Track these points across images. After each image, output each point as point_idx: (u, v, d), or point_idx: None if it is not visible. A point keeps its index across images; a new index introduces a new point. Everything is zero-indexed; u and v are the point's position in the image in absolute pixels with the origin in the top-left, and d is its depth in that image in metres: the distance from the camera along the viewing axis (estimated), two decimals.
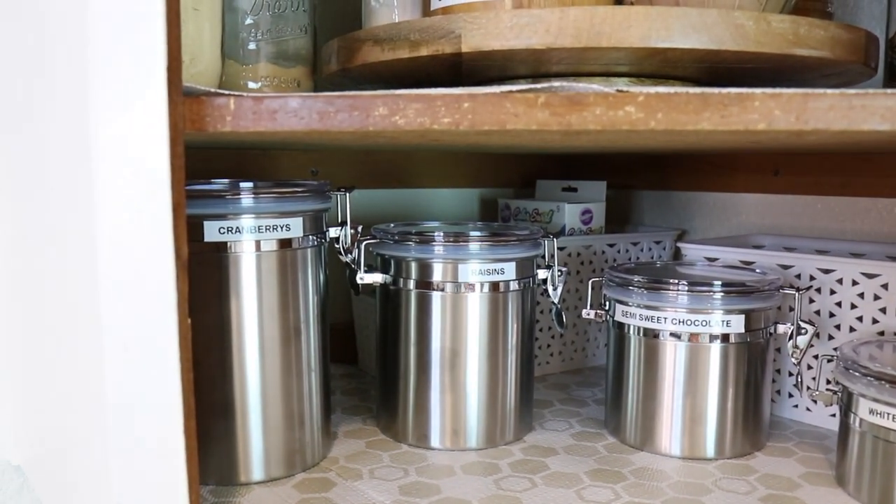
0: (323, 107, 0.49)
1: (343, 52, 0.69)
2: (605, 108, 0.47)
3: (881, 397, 0.64)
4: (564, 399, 0.94)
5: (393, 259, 0.77)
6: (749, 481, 0.71)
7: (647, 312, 0.76)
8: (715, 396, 0.75)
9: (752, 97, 0.46)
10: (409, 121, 0.48)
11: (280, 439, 0.70)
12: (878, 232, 0.95)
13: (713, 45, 0.57)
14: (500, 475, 0.71)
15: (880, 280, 0.78)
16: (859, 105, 0.45)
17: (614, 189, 1.25)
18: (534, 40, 0.57)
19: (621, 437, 0.80)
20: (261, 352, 0.68)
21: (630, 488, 0.69)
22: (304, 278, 0.70)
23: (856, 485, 0.67)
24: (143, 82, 0.46)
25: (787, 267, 0.85)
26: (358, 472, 0.72)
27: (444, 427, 0.77)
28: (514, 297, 0.78)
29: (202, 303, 0.66)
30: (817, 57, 0.60)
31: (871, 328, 0.80)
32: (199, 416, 0.66)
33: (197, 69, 0.66)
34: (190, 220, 0.64)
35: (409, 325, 0.77)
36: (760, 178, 1.07)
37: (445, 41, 0.60)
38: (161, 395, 0.49)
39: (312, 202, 0.70)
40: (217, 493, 0.67)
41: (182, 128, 0.48)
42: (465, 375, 0.76)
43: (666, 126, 0.46)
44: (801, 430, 0.84)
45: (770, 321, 0.77)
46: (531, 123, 0.47)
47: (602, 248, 1.06)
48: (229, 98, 0.50)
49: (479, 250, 0.75)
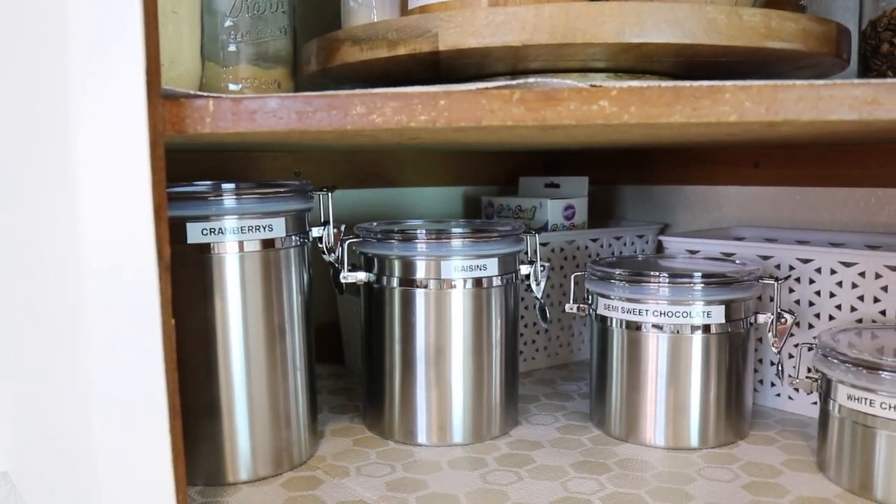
0: (301, 107, 0.49)
1: (322, 52, 0.69)
2: (579, 103, 0.47)
3: (858, 383, 0.65)
4: (550, 394, 0.95)
5: (376, 257, 0.78)
6: (732, 469, 0.71)
7: (629, 305, 0.77)
8: (698, 387, 0.76)
9: (722, 90, 0.47)
10: (386, 119, 0.49)
11: (267, 439, 0.70)
12: (856, 222, 0.96)
13: (686, 39, 0.57)
14: (487, 469, 0.72)
15: (857, 268, 0.79)
16: (827, 95, 0.46)
17: (597, 185, 1.26)
18: (510, 37, 0.58)
19: (606, 430, 0.81)
20: (246, 352, 0.68)
21: (615, 479, 0.70)
22: (288, 278, 0.70)
23: (836, 470, 0.68)
24: (123, 85, 0.46)
25: (767, 257, 0.86)
26: (345, 469, 0.72)
27: (430, 423, 0.78)
28: (497, 292, 0.78)
29: (187, 304, 0.66)
30: (789, 49, 0.61)
31: (849, 316, 0.81)
32: (186, 417, 0.67)
33: (177, 72, 0.67)
34: (173, 222, 0.64)
35: (393, 323, 0.78)
36: (740, 171, 1.08)
37: (423, 40, 0.60)
38: (147, 395, 0.50)
39: (294, 202, 0.70)
40: (205, 493, 0.68)
41: (162, 130, 0.49)
42: (449, 371, 0.77)
43: (639, 119, 0.47)
44: (784, 419, 0.85)
45: (750, 311, 0.78)
46: (507, 119, 0.48)
47: (585, 244, 1.07)
48: (208, 99, 0.50)
49: (462, 247, 0.76)
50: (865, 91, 0.46)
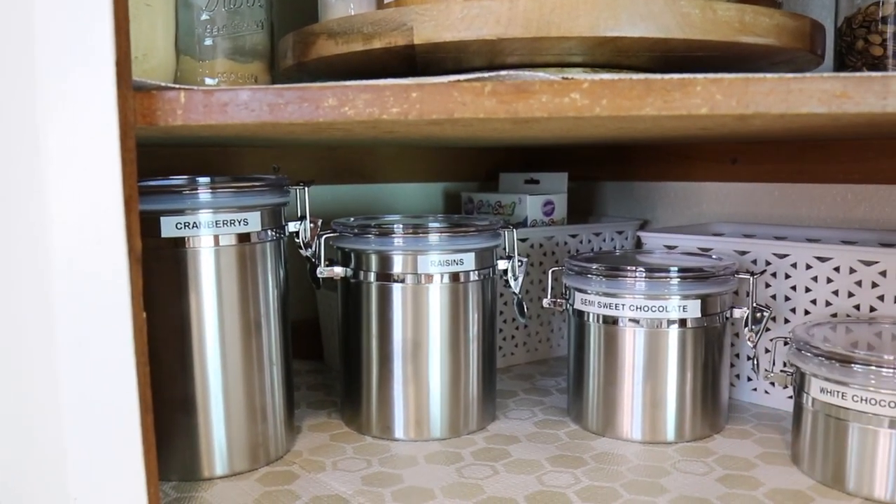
0: (273, 99, 0.49)
1: (298, 46, 0.69)
2: (550, 96, 0.47)
3: (831, 376, 0.65)
4: (529, 389, 0.95)
5: (353, 252, 0.78)
6: (707, 462, 0.72)
7: (605, 300, 0.77)
8: (674, 381, 0.77)
9: (693, 82, 0.47)
10: (358, 111, 0.49)
11: (242, 433, 0.70)
12: (833, 217, 0.97)
13: (660, 33, 0.58)
14: (463, 463, 0.72)
15: (832, 263, 0.80)
16: (797, 89, 0.46)
17: (577, 181, 1.26)
18: (484, 31, 0.58)
19: (583, 424, 0.81)
20: (221, 346, 0.68)
21: (590, 473, 0.70)
22: (264, 273, 0.70)
23: (809, 462, 0.69)
24: (92, 76, 0.46)
25: (744, 253, 0.87)
26: (321, 464, 0.72)
27: (407, 418, 0.78)
28: (475, 287, 0.78)
29: (161, 298, 0.66)
30: (764, 44, 0.61)
31: (824, 310, 0.81)
32: (161, 412, 0.67)
33: (150, 65, 0.66)
34: (146, 216, 0.64)
35: (370, 318, 0.78)
36: (719, 168, 1.09)
37: (398, 33, 0.60)
38: (117, 389, 0.49)
39: (270, 196, 0.70)
40: (179, 488, 0.67)
41: (133, 122, 0.48)
42: (427, 366, 0.77)
43: (610, 112, 0.47)
44: (760, 413, 0.85)
45: (726, 306, 0.79)
46: (478, 112, 0.48)
47: (564, 239, 1.07)
48: (179, 92, 0.50)
49: (438, 241, 0.76)
50: (834, 85, 0.46)
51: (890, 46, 0.70)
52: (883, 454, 0.63)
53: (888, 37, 0.70)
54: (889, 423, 0.63)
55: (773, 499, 0.64)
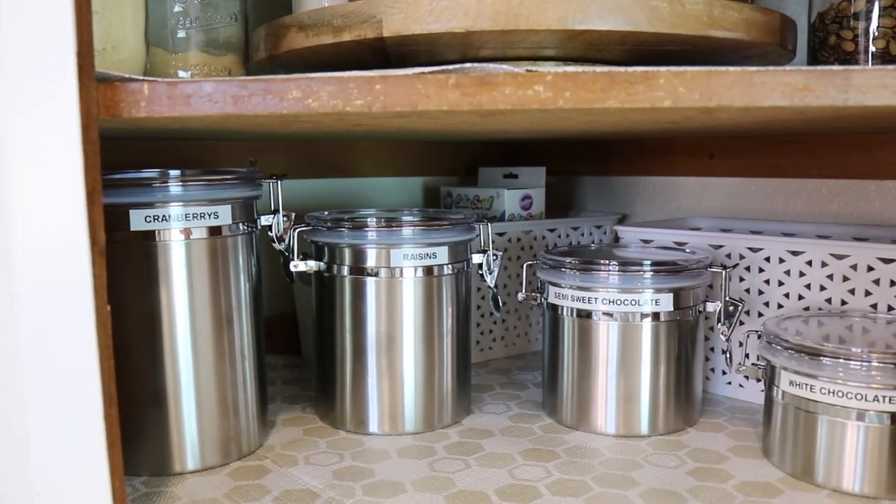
0: (237, 91, 0.49)
1: (270, 39, 0.69)
2: (514, 88, 0.47)
3: (801, 369, 0.65)
4: (505, 383, 0.95)
5: (326, 246, 0.78)
6: (679, 456, 0.72)
7: (579, 293, 0.77)
8: (647, 374, 0.77)
9: (657, 75, 0.47)
10: (322, 103, 0.48)
11: (214, 428, 0.70)
12: (808, 212, 0.97)
13: (629, 26, 0.58)
14: (435, 458, 0.72)
15: (805, 257, 0.80)
16: (760, 82, 0.47)
17: (557, 176, 1.26)
18: (453, 23, 0.57)
19: (558, 418, 0.82)
20: (192, 340, 0.68)
21: (562, 466, 0.70)
22: (236, 266, 0.70)
23: (779, 455, 0.69)
24: (53, 66, 0.45)
25: (719, 247, 0.87)
26: (293, 458, 0.72)
27: (381, 412, 0.78)
28: (449, 281, 0.78)
29: (132, 292, 0.66)
30: (733, 38, 0.62)
31: (797, 304, 0.82)
32: (131, 406, 0.67)
33: (119, 56, 0.66)
34: (114, 209, 0.64)
35: (344, 312, 0.77)
36: (696, 162, 1.09)
37: (367, 26, 0.60)
38: (80, 382, 0.49)
39: (241, 189, 0.70)
40: (149, 483, 0.67)
41: (96, 113, 0.48)
42: (401, 360, 0.77)
43: (574, 104, 0.47)
44: (734, 406, 0.85)
45: (699, 299, 0.79)
46: (442, 104, 0.48)
47: (542, 234, 1.07)
48: (143, 83, 0.50)
49: (412, 235, 0.75)
50: (797, 78, 0.47)
51: (861, 42, 0.70)
52: (850, 446, 0.64)
53: (859, 32, 0.70)
54: (856, 416, 0.63)
55: (743, 491, 0.65)
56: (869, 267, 0.76)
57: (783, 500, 0.63)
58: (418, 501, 0.63)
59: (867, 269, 0.77)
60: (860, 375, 0.62)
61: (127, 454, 0.63)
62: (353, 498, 0.64)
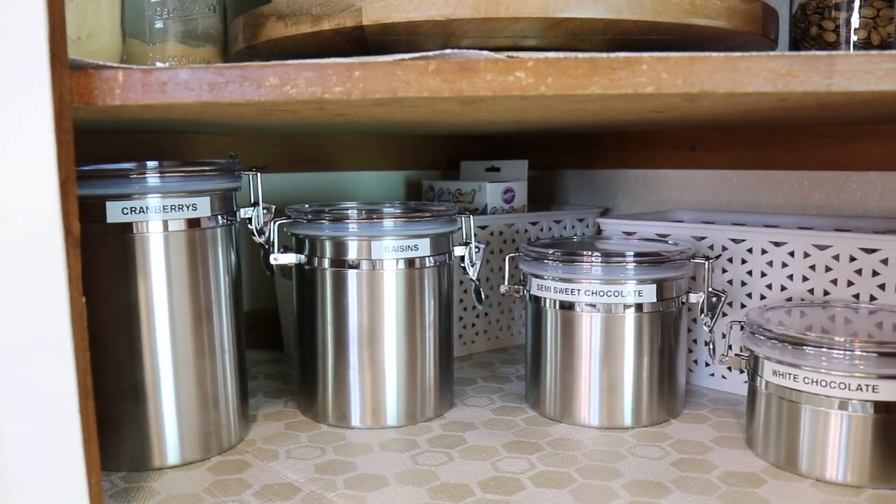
0: (213, 78, 0.48)
1: (249, 29, 0.68)
2: (495, 74, 0.47)
3: (784, 359, 0.65)
4: (488, 376, 0.94)
5: (307, 238, 0.77)
6: (662, 447, 0.72)
7: (561, 285, 0.77)
8: (630, 366, 0.77)
9: (639, 61, 0.47)
10: (300, 90, 0.48)
11: (194, 422, 0.69)
12: (791, 204, 0.98)
13: (611, 14, 0.57)
14: (418, 451, 0.71)
15: (787, 248, 0.80)
16: (744, 67, 0.46)
17: (540, 169, 1.26)
18: (434, 11, 0.57)
19: (541, 411, 0.81)
20: (171, 333, 0.67)
21: (545, 458, 0.70)
22: (215, 259, 0.69)
23: (763, 445, 0.69)
24: (23, 52, 0.44)
25: (701, 238, 0.87)
26: (275, 452, 0.71)
27: (363, 406, 0.77)
28: (430, 273, 0.78)
29: (109, 284, 0.65)
30: (714, 27, 0.61)
31: (779, 295, 0.82)
32: (110, 401, 0.66)
33: (94, 46, 0.65)
34: (91, 201, 0.63)
35: (325, 305, 0.77)
36: (679, 155, 1.09)
37: (346, 14, 0.59)
38: (55, 375, 0.48)
39: (220, 181, 0.69)
40: (128, 478, 0.66)
41: (69, 101, 0.47)
42: (382, 353, 0.76)
43: (556, 91, 0.47)
44: (717, 398, 0.85)
45: (682, 290, 0.79)
46: (422, 90, 0.47)
47: (525, 227, 1.07)
48: (117, 70, 0.49)
49: (393, 227, 0.75)
50: (780, 63, 0.46)
51: (843, 33, 0.70)
52: (834, 435, 0.64)
53: (841, 23, 0.70)
54: (839, 405, 0.63)
55: (727, 481, 0.65)
56: (851, 257, 0.77)
57: (766, 490, 0.63)
58: (401, 495, 0.63)
59: (849, 260, 0.77)
60: (843, 364, 0.62)
61: (105, 449, 0.62)
62: (334, 491, 0.63)
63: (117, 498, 0.63)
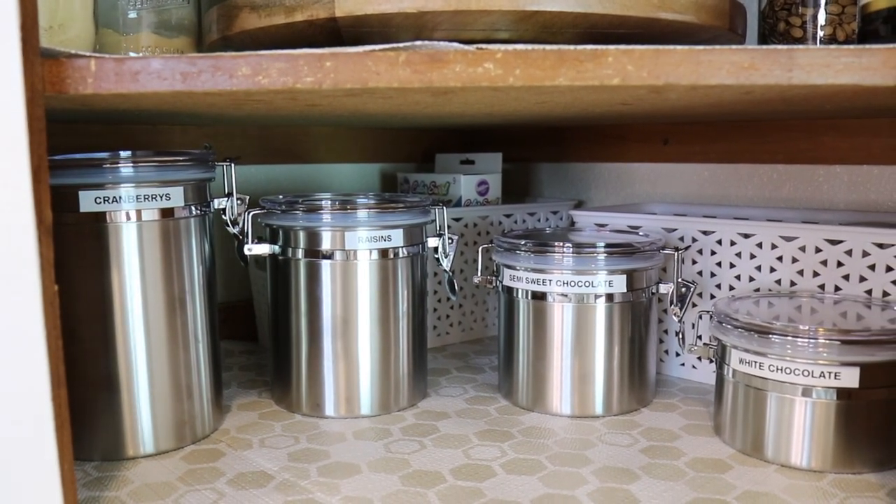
0: (186, 67, 0.49)
1: (222, 20, 0.68)
2: (464, 65, 0.47)
3: (750, 347, 0.67)
4: (461, 367, 0.95)
5: (281, 229, 0.77)
6: (632, 435, 0.73)
7: (533, 275, 0.78)
8: (602, 355, 0.78)
9: (606, 53, 0.47)
10: (272, 80, 0.48)
11: (167, 411, 0.69)
12: (761, 197, 0.99)
13: (580, 7, 0.58)
14: (391, 439, 0.72)
15: (755, 239, 0.82)
16: (707, 60, 0.47)
17: (514, 162, 1.27)
18: (406, 3, 0.57)
19: (513, 400, 0.82)
20: (145, 323, 0.67)
21: (517, 446, 0.71)
22: (188, 248, 0.69)
23: (730, 432, 0.70)
24: None
25: (672, 230, 0.88)
26: (248, 441, 0.72)
27: (337, 395, 0.78)
28: (404, 264, 0.78)
29: (82, 274, 0.65)
30: (682, 21, 0.62)
31: (748, 286, 0.83)
32: (83, 390, 0.66)
33: (66, 36, 0.65)
34: (64, 190, 0.63)
35: (299, 295, 0.77)
36: (651, 149, 1.10)
37: (319, 6, 0.60)
38: (27, 363, 0.48)
39: (194, 171, 0.69)
40: (102, 468, 0.66)
41: (41, 89, 0.47)
42: (356, 343, 0.77)
43: (524, 82, 0.47)
44: (687, 387, 0.87)
45: (652, 281, 0.80)
46: (393, 81, 0.48)
47: (499, 219, 1.08)
48: (90, 59, 0.49)
49: (366, 217, 0.75)
50: (743, 56, 0.47)
51: (809, 29, 0.71)
52: (798, 422, 0.65)
53: (808, 19, 0.71)
54: (803, 392, 0.64)
55: (694, 468, 0.66)
56: (816, 248, 0.78)
57: (733, 476, 0.64)
58: (374, 482, 0.63)
59: (815, 251, 0.78)
60: (807, 352, 0.64)
61: (79, 439, 0.63)
62: (308, 479, 0.64)
63: (91, 487, 0.63)
